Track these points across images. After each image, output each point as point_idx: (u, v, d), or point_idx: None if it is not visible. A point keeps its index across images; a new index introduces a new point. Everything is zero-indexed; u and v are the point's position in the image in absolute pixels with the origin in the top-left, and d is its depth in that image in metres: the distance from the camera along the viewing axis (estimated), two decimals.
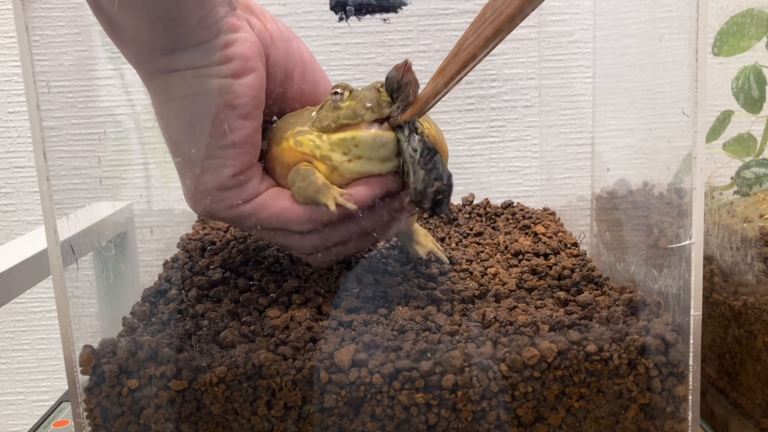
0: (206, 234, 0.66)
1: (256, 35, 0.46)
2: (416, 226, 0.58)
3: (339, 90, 0.45)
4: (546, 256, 0.59)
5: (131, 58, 0.44)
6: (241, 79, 0.44)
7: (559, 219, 0.71)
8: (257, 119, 0.46)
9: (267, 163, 0.49)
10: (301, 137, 0.46)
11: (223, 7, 0.43)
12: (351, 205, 0.44)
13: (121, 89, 0.58)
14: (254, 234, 0.50)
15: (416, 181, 0.44)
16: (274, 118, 0.51)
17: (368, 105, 0.44)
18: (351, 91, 0.45)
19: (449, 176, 0.45)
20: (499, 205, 0.76)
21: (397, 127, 0.45)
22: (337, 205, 0.44)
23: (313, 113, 0.47)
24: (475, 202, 0.77)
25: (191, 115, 0.44)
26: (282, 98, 0.50)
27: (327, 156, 0.45)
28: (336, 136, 0.45)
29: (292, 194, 0.47)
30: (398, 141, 0.44)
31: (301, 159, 0.46)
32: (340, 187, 0.45)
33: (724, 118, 0.62)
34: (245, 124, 0.45)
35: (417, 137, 0.44)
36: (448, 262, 0.56)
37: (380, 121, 0.45)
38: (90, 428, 0.42)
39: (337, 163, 0.45)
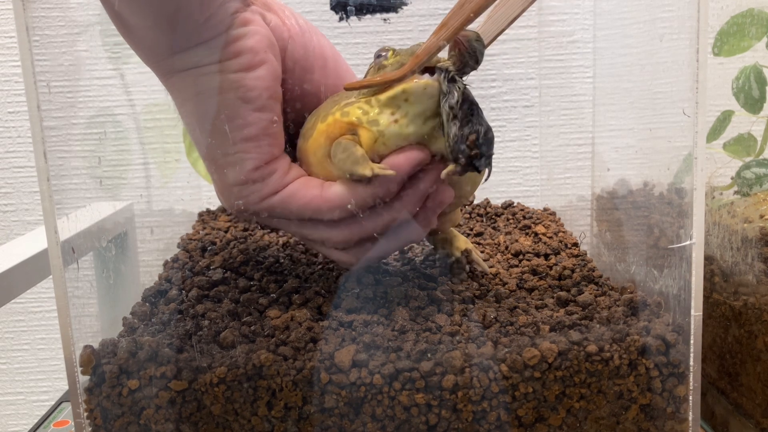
0: (206, 234, 0.66)
1: (273, 30, 0.46)
2: (455, 231, 0.57)
3: (382, 53, 0.45)
4: (546, 256, 0.59)
5: (146, 58, 0.45)
6: (251, 72, 0.44)
7: (559, 219, 0.71)
8: (273, 111, 0.45)
9: (311, 144, 0.48)
10: (348, 108, 0.45)
11: (235, 3, 0.43)
12: (389, 171, 0.43)
13: (121, 89, 0.58)
14: (285, 229, 0.50)
15: (448, 136, 0.43)
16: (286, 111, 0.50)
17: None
18: (394, 50, 0.45)
19: (487, 129, 0.43)
20: (500, 205, 0.76)
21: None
22: (374, 179, 0.43)
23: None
24: (476, 202, 0.77)
25: (208, 112, 0.44)
26: (303, 93, 0.50)
27: (374, 120, 0.44)
28: (385, 95, 0.44)
29: (320, 182, 0.46)
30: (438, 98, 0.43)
31: (347, 129, 0.45)
32: (382, 158, 0.45)
33: (725, 118, 0.62)
34: (261, 116, 0.45)
35: (456, 93, 0.43)
36: (487, 269, 0.55)
37: (430, 71, 0.44)
38: (90, 428, 0.42)
39: (384, 126, 0.44)
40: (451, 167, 0.44)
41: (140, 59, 0.45)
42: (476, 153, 0.43)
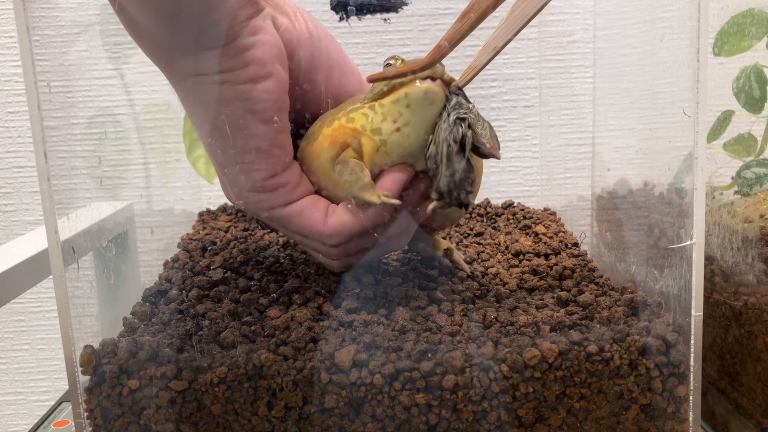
0: (207, 234, 0.66)
1: (282, 34, 0.45)
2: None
3: (391, 61, 0.46)
4: (547, 256, 0.59)
5: (154, 59, 0.44)
6: (259, 84, 0.43)
7: (559, 219, 0.71)
8: (281, 122, 0.45)
9: (315, 147, 0.48)
10: (354, 113, 0.46)
11: (246, 10, 0.43)
12: (395, 200, 0.45)
13: (121, 89, 0.58)
14: (283, 232, 0.51)
15: (454, 172, 0.43)
16: (308, 116, 0.50)
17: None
18: (403, 60, 0.46)
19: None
20: (500, 205, 0.76)
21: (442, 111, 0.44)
22: (378, 205, 0.45)
23: (365, 94, 0.48)
24: (476, 202, 0.77)
25: (216, 120, 0.44)
26: (304, 99, 0.50)
27: (377, 129, 0.45)
28: (388, 99, 0.45)
29: (326, 206, 0.48)
30: (436, 124, 0.44)
31: (351, 136, 0.46)
32: (382, 170, 0.46)
33: (725, 118, 0.62)
34: (269, 128, 0.45)
35: (463, 126, 0.43)
36: (467, 269, 0.55)
37: (432, 80, 0.44)
38: (90, 428, 0.42)
39: (386, 135, 0.45)
40: (436, 204, 0.45)
41: (149, 58, 0.44)
42: (470, 191, 0.44)
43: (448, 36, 0.43)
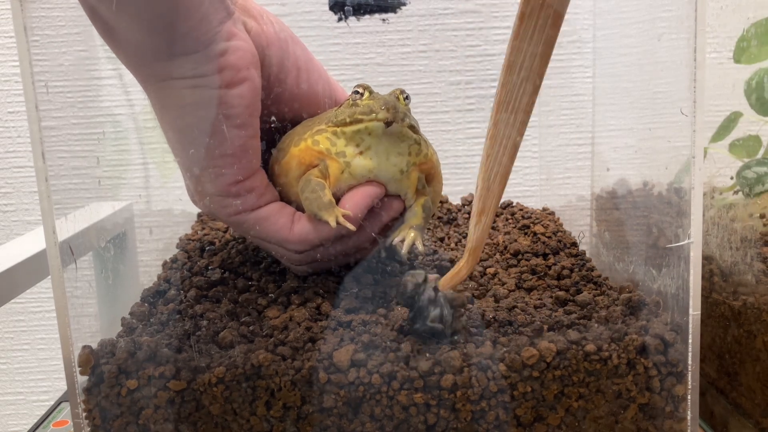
0: (205, 234, 0.66)
1: (253, 38, 0.46)
2: None
3: (360, 90, 0.47)
4: (545, 256, 0.59)
5: (127, 62, 0.44)
6: (233, 89, 0.44)
7: (558, 219, 0.71)
8: (252, 127, 0.46)
9: (283, 165, 0.50)
10: (319, 136, 0.48)
11: (219, 14, 0.43)
12: (350, 226, 0.46)
13: (121, 89, 0.58)
14: (249, 239, 0.52)
15: (422, 321, 0.43)
16: (273, 118, 0.51)
17: (383, 107, 0.46)
18: (371, 92, 0.47)
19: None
20: (499, 205, 0.76)
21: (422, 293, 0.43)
22: (337, 223, 0.46)
23: (331, 114, 0.49)
24: None
25: (187, 124, 0.44)
26: (277, 100, 0.50)
27: (341, 152, 0.47)
28: (350, 128, 0.47)
29: (292, 212, 0.49)
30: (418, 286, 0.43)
31: (317, 158, 0.48)
32: (349, 189, 0.48)
33: (733, 119, 0.62)
34: (240, 133, 0.45)
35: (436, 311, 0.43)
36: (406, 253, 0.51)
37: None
38: (89, 428, 0.42)
39: (350, 158, 0.47)
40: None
41: (121, 62, 0.44)
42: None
43: (477, 240, 0.44)
